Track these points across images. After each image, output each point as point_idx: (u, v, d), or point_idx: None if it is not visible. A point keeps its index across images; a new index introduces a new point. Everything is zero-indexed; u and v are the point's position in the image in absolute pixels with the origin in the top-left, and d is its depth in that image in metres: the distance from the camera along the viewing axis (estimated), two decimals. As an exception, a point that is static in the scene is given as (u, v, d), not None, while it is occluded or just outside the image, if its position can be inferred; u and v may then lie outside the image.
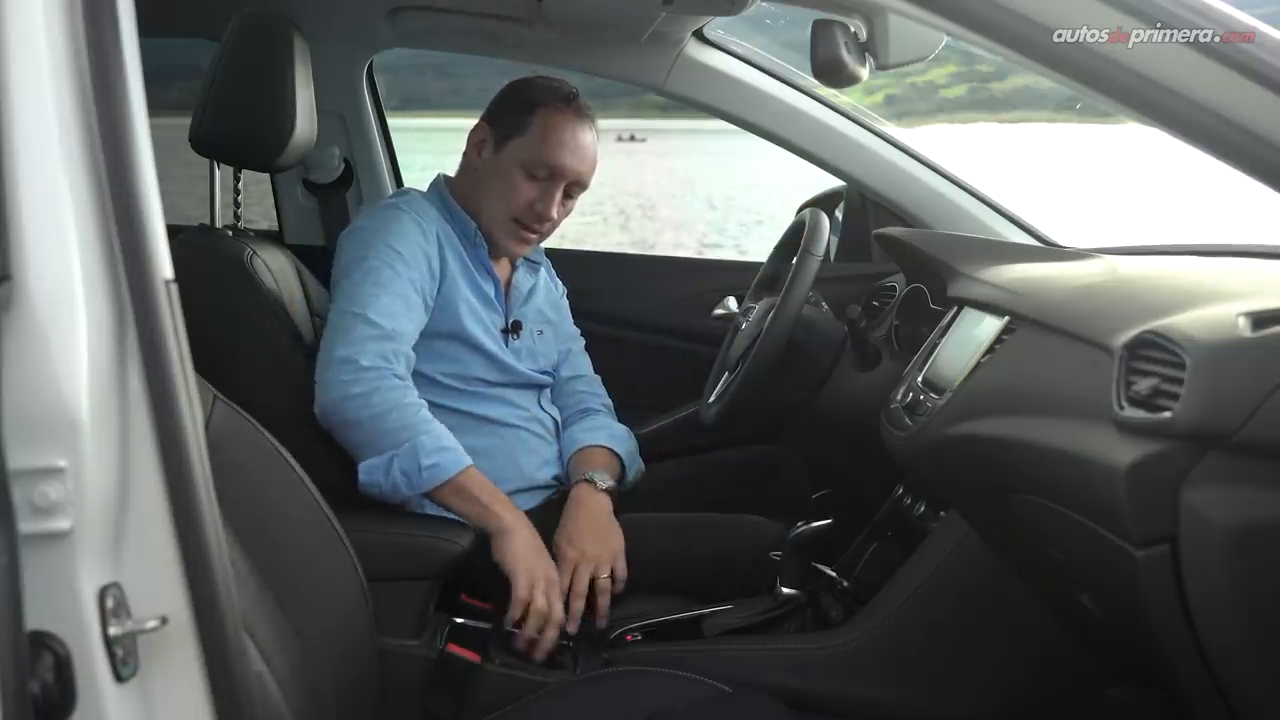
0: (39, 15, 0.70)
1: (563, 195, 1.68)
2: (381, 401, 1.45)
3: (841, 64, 1.23)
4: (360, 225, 1.64)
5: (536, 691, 1.37)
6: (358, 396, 1.45)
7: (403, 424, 1.45)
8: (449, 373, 1.65)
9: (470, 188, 1.71)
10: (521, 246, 1.72)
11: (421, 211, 1.65)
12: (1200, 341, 0.88)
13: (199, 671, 0.70)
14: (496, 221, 1.68)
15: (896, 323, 1.77)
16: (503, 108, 1.70)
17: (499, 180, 1.66)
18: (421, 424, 1.47)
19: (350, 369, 1.46)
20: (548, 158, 1.64)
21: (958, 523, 1.43)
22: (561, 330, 1.87)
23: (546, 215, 1.66)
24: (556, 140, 1.64)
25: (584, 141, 1.67)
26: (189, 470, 0.69)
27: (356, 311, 1.50)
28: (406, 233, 1.60)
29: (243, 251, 1.64)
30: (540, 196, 1.65)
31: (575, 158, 1.66)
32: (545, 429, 1.76)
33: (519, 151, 1.65)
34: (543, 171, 1.65)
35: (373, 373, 1.46)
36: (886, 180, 2.06)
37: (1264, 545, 0.87)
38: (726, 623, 1.52)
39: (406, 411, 1.46)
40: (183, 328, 0.71)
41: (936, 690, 1.43)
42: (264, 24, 1.62)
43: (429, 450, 1.45)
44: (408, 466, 1.44)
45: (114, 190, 0.69)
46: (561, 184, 1.66)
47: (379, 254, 1.56)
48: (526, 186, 1.65)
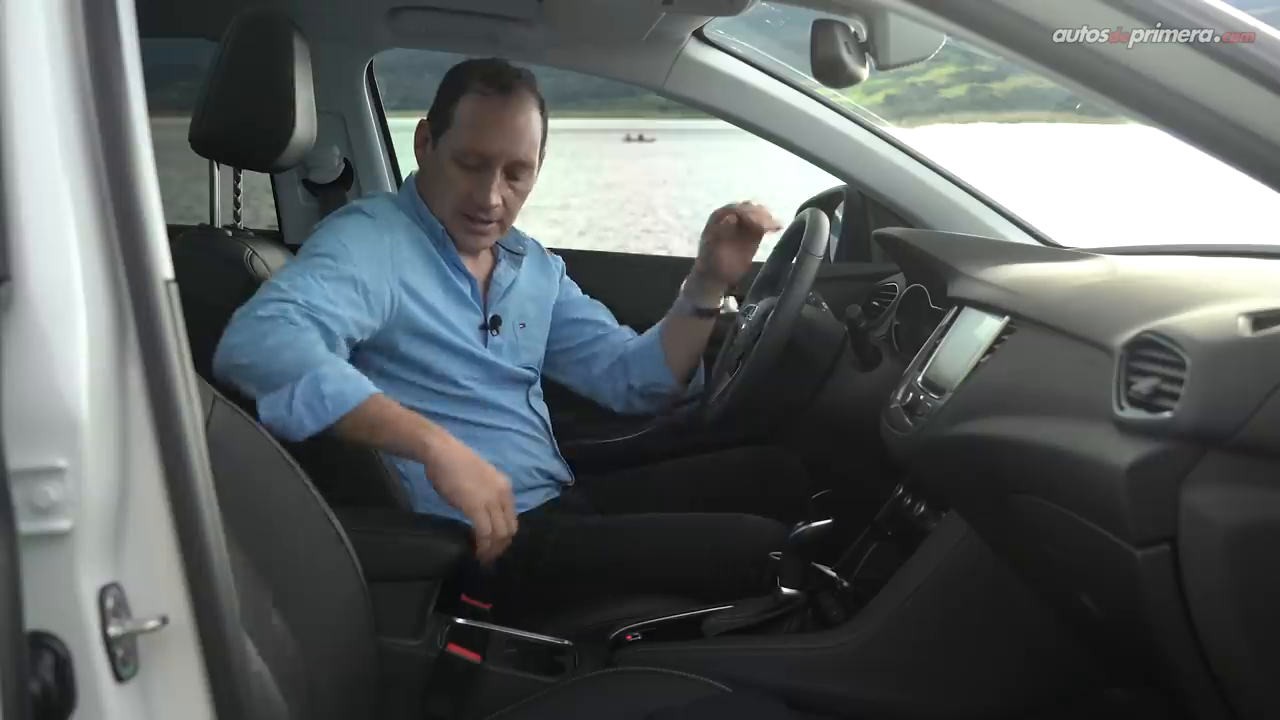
0: (39, 15, 0.70)
1: (506, 178, 1.64)
2: (276, 342, 1.37)
3: (841, 64, 1.23)
4: (324, 222, 1.61)
5: (536, 692, 1.37)
6: (246, 342, 1.37)
7: (299, 359, 1.37)
8: (427, 376, 1.64)
9: (425, 187, 1.70)
10: (478, 238, 1.68)
11: (386, 216, 1.62)
12: (1200, 341, 0.88)
13: (199, 671, 0.70)
14: (447, 218, 1.66)
15: (896, 323, 1.77)
16: (436, 101, 1.68)
17: (439, 176, 1.65)
18: (320, 358, 1.39)
19: (241, 321, 1.39)
20: (474, 145, 1.62)
21: (958, 523, 1.43)
22: (563, 309, 1.88)
23: (485, 204, 1.63)
24: (480, 126, 1.62)
25: (513, 122, 1.63)
26: (189, 470, 0.69)
27: (272, 283, 1.45)
28: (361, 234, 1.56)
29: (243, 251, 1.64)
30: (477, 186, 1.63)
31: (503, 140, 1.62)
32: (535, 428, 1.76)
33: (449, 144, 1.63)
34: (473, 159, 1.62)
35: (266, 321, 1.38)
36: (886, 180, 2.06)
37: (1264, 545, 0.87)
38: (726, 623, 1.52)
39: (300, 347, 1.38)
40: (183, 328, 0.71)
41: (936, 690, 1.43)
42: (264, 24, 1.62)
43: (330, 379, 1.37)
44: (309, 398, 1.35)
45: (114, 190, 0.69)
46: (496, 169, 1.62)
47: (324, 247, 1.52)
48: (461, 178, 1.63)
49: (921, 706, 1.42)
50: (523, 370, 1.76)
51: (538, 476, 1.72)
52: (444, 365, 1.65)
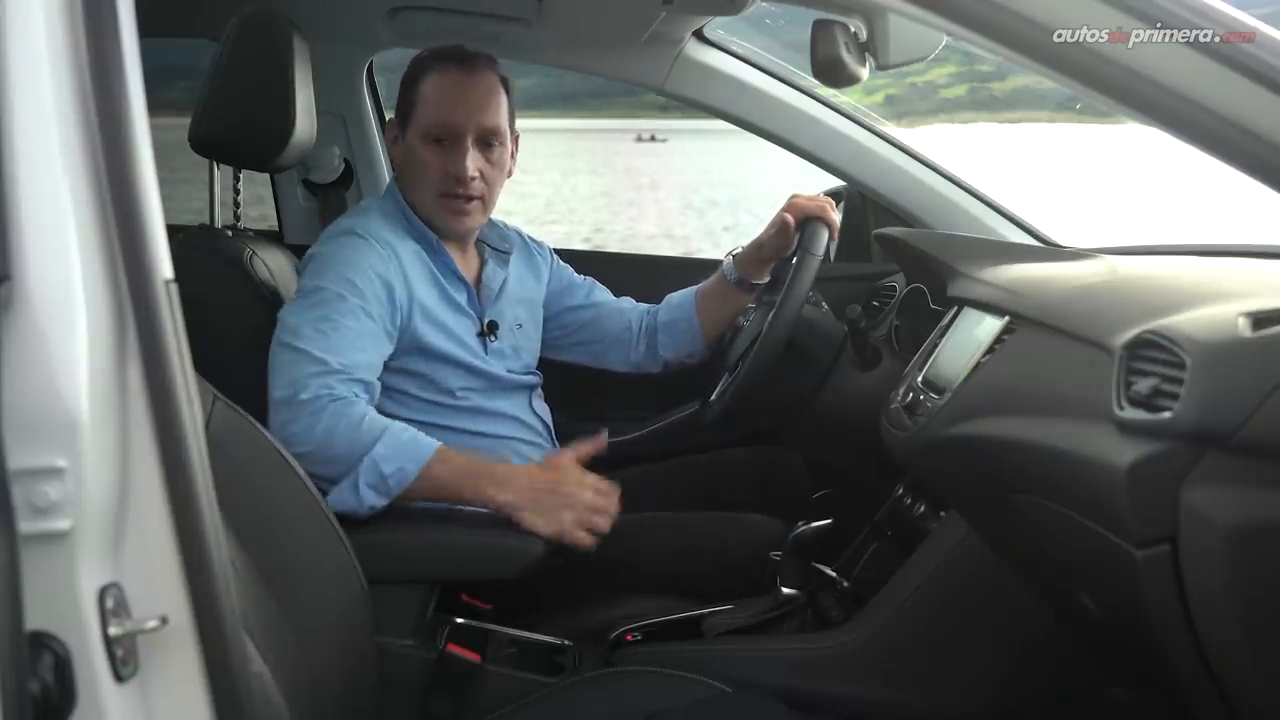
0: (39, 15, 0.70)
1: (479, 148, 1.63)
2: (324, 430, 1.39)
3: (841, 64, 1.23)
4: (320, 250, 1.58)
5: (536, 692, 1.37)
6: (299, 434, 1.38)
7: (350, 444, 1.39)
8: (428, 389, 1.62)
9: (405, 186, 1.68)
10: (463, 219, 1.66)
11: (380, 234, 1.59)
12: (1200, 341, 0.88)
13: (199, 671, 0.70)
14: (429, 206, 1.65)
15: (896, 323, 1.77)
16: (399, 95, 1.68)
17: (413, 162, 1.64)
18: (370, 432, 1.40)
19: (288, 409, 1.40)
20: (441, 117, 1.61)
21: (958, 523, 1.43)
22: (559, 299, 1.89)
23: (463, 175, 1.61)
24: (444, 98, 1.61)
25: (477, 92, 1.62)
26: (189, 470, 0.69)
27: (299, 347, 1.44)
28: (364, 260, 1.54)
29: (243, 251, 1.64)
30: (451, 158, 1.61)
31: (469, 109, 1.61)
32: (538, 432, 1.75)
33: (417, 126, 1.63)
34: (442, 132, 1.61)
35: (312, 404, 1.40)
36: (886, 180, 2.06)
37: (1264, 545, 0.87)
38: (726, 623, 1.52)
39: (350, 430, 1.40)
40: (183, 328, 0.71)
41: (936, 690, 1.43)
42: (264, 24, 1.62)
43: (388, 458, 1.39)
44: (373, 481, 1.39)
45: (114, 190, 0.69)
46: (468, 140, 1.61)
47: (333, 283, 1.50)
48: (435, 156, 1.62)
49: (921, 706, 1.43)
50: (525, 376, 1.76)
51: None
52: (444, 377, 1.63)
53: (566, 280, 1.92)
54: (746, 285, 1.85)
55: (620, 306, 1.94)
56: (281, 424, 1.39)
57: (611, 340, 1.91)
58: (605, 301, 1.93)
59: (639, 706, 1.24)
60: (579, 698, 1.34)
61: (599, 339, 1.91)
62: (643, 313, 1.93)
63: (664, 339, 1.89)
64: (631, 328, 1.91)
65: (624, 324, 1.91)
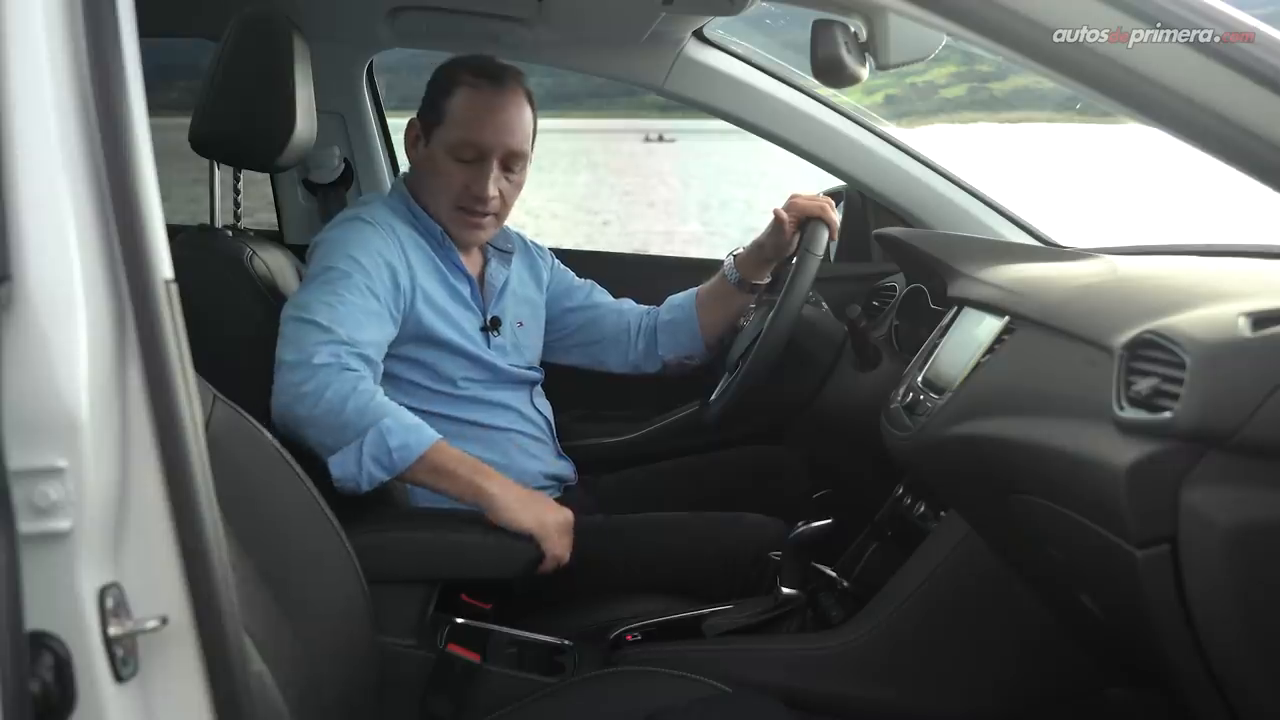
0: (39, 15, 0.69)
1: (502, 170, 1.65)
2: (335, 394, 1.39)
3: (841, 64, 1.23)
4: (326, 235, 1.61)
5: (536, 692, 1.37)
6: (310, 394, 1.39)
7: (360, 411, 1.39)
8: (431, 378, 1.64)
9: (419, 186, 1.70)
10: (476, 232, 1.69)
11: (385, 221, 1.62)
12: (1200, 341, 0.88)
13: (199, 671, 0.70)
14: (444, 213, 1.67)
15: (896, 323, 1.77)
16: (426, 98, 1.69)
17: (434, 171, 1.66)
18: (380, 408, 1.41)
19: (301, 370, 1.41)
20: (470, 137, 1.62)
21: (958, 523, 1.43)
22: (559, 300, 1.89)
23: (484, 195, 1.63)
24: (475, 118, 1.62)
25: (506, 114, 1.64)
26: (189, 470, 0.69)
27: (308, 318, 1.45)
28: (369, 242, 1.56)
29: (243, 251, 1.64)
30: (474, 178, 1.63)
31: (499, 132, 1.63)
32: (539, 428, 1.76)
33: (443, 138, 1.64)
34: (469, 152, 1.63)
35: (324, 370, 1.41)
36: (886, 180, 2.06)
37: (1264, 545, 0.87)
38: (726, 623, 1.52)
39: (362, 398, 1.40)
40: (182, 328, 0.70)
41: (936, 690, 1.43)
42: (264, 24, 1.62)
43: (394, 431, 1.40)
44: (377, 452, 1.38)
45: (114, 190, 0.69)
46: (493, 161, 1.63)
47: (340, 262, 1.52)
48: (458, 171, 1.63)
49: (921, 706, 1.43)
50: (526, 371, 1.76)
51: (540, 477, 1.72)
52: (446, 366, 1.65)
53: (566, 283, 1.93)
54: (747, 286, 1.85)
55: (619, 307, 1.94)
56: (293, 384, 1.40)
57: (609, 340, 1.91)
58: (604, 303, 1.94)
59: (639, 706, 1.24)
60: (579, 698, 1.34)
61: (597, 340, 1.92)
62: (641, 313, 1.93)
63: (663, 339, 1.89)
64: (630, 328, 1.91)
65: (622, 324, 1.91)
